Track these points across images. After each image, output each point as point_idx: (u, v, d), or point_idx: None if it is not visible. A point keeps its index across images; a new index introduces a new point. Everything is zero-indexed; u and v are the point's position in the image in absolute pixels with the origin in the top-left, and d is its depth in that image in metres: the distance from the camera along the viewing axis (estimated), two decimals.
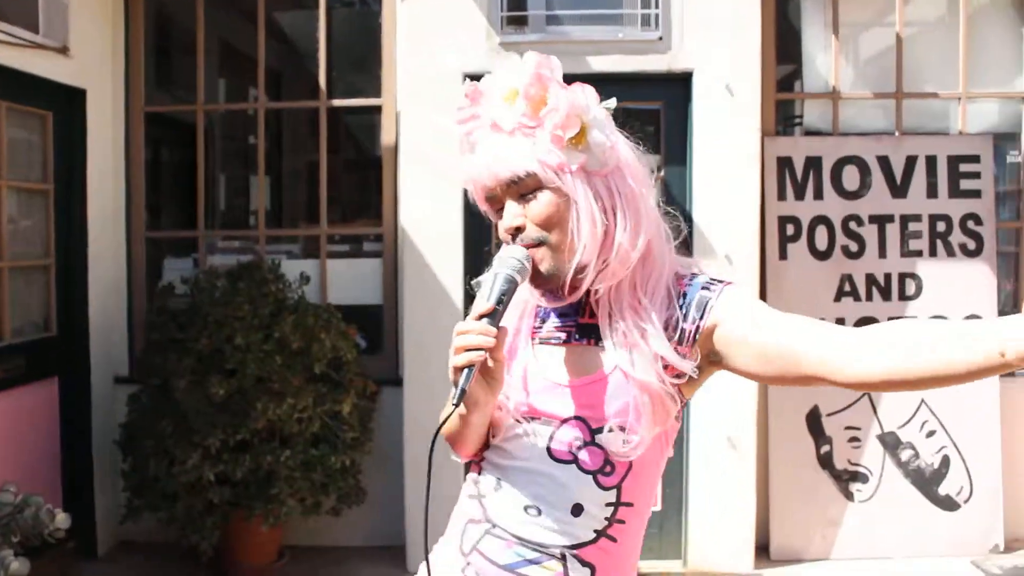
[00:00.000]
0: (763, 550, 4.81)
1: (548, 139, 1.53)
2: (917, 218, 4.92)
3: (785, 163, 4.92)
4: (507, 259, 1.55)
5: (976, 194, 4.93)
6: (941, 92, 5.11)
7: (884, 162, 4.92)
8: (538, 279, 1.59)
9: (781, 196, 4.91)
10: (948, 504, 4.86)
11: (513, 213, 1.57)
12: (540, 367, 1.63)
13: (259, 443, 4.32)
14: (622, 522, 1.60)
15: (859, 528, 4.84)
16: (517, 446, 1.63)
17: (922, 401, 4.84)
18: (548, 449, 1.59)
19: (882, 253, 4.91)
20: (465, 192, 1.67)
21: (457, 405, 1.49)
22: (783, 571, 4.74)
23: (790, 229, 4.90)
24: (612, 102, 1.61)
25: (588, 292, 1.60)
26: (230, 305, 4.36)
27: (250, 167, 5.49)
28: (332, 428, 4.49)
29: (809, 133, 5.14)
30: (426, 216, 4.63)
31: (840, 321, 4.67)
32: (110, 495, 4.83)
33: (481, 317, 1.51)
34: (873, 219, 4.91)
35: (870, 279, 4.90)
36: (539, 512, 1.59)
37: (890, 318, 4.78)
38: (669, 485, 4.71)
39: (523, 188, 1.55)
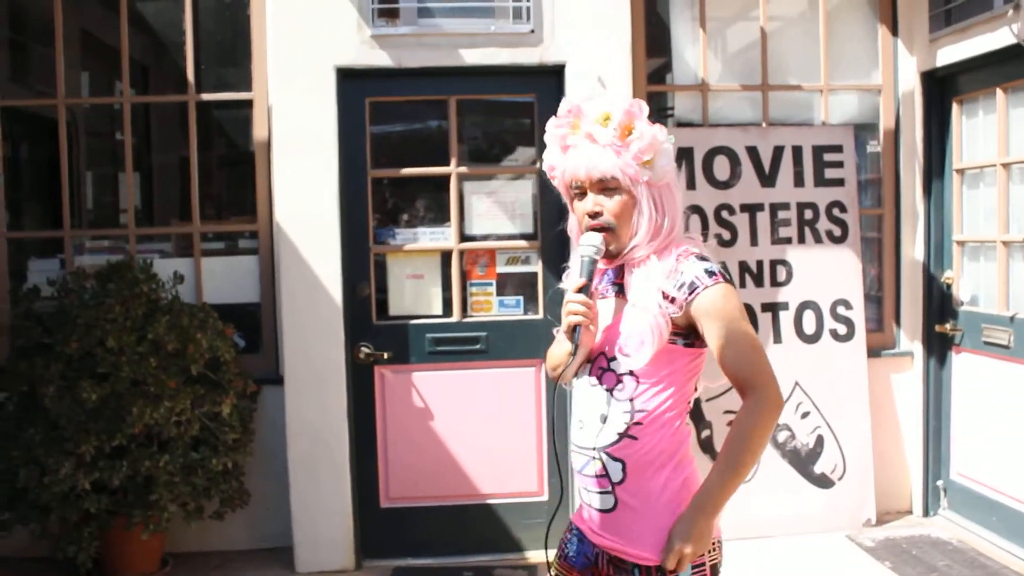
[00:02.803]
0: None
1: (631, 158, 2.14)
2: (785, 206, 5.07)
3: None
4: (587, 245, 2.19)
5: (840, 182, 5.12)
6: (804, 84, 5.28)
7: (753, 152, 5.06)
8: (605, 253, 2.22)
9: None
10: (823, 482, 5.04)
11: (595, 200, 2.19)
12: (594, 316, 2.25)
13: (136, 448, 4.21)
14: (640, 424, 2.18)
15: (740, 509, 4.96)
16: (577, 379, 2.30)
17: (796, 384, 5.00)
18: (587, 377, 2.26)
19: (753, 241, 5.05)
20: (341, 184, 1.71)
21: (575, 355, 2.19)
22: None
23: None
24: (671, 138, 2.22)
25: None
26: (100, 307, 4.23)
27: (118, 164, 5.30)
28: (212, 430, 4.40)
29: (680, 125, 5.25)
30: (302, 211, 4.54)
31: None
32: None
33: (579, 291, 2.17)
34: (744, 208, 5.05)
35: (743, 266, 5.03)
36: (583, 425, 2.25)
37: (763, 304, 4.95)
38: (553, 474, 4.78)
39: (606, 185, 2.18)
